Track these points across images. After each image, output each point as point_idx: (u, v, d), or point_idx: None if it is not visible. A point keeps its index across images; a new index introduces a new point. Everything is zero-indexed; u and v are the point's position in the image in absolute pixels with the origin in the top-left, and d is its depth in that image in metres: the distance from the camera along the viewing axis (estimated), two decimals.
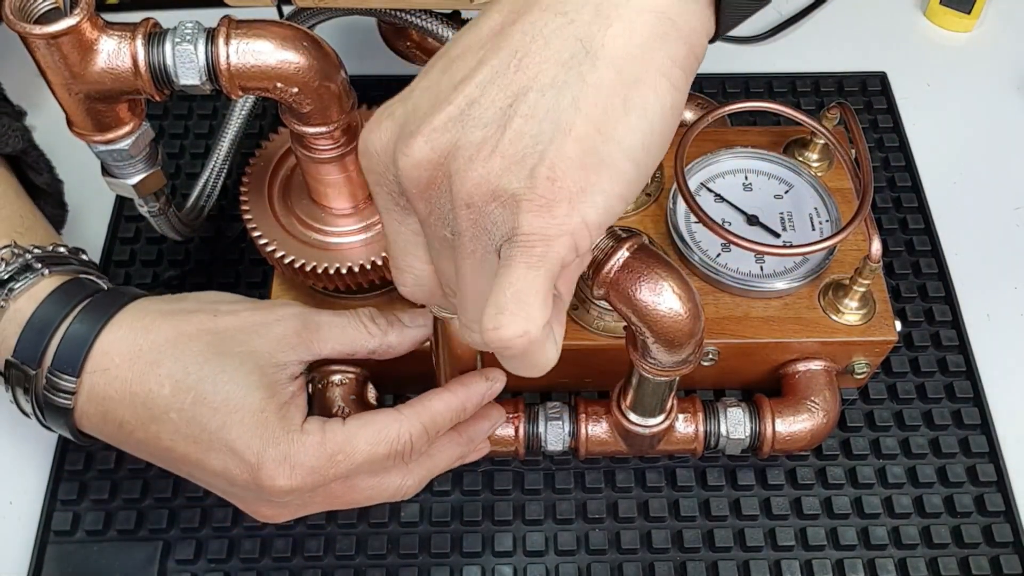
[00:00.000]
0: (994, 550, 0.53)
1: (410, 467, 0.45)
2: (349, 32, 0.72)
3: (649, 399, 0.48)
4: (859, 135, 0.53)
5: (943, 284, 0.62)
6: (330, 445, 0.41)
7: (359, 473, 0.43)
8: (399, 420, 0.43)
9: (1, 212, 0.48)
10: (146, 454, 0.44)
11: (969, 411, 0.58)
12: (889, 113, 0.71)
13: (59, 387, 0.41)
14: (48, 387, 0.42)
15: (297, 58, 0.42)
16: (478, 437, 0.48)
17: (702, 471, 0.56)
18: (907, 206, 0.66)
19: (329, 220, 0.51)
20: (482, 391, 0.45)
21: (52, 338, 0.42)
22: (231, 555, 0.53)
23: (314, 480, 0.41)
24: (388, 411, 0.43)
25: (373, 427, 0.42)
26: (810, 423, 0.52)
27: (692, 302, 0.40)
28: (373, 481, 0.44)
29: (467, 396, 0.45)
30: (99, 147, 0.45)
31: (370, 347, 0.45)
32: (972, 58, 0.75)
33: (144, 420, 0.41)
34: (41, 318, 0.42)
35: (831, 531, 0.54)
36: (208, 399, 0.40)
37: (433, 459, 0.46)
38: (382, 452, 0.42)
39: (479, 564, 0.53)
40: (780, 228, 0.55)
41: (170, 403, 0.41)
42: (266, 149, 0.53)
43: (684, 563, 0.53)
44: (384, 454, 0.42)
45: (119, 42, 0.41)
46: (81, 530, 0.53)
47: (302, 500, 0.43)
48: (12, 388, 0.43)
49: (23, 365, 0.42)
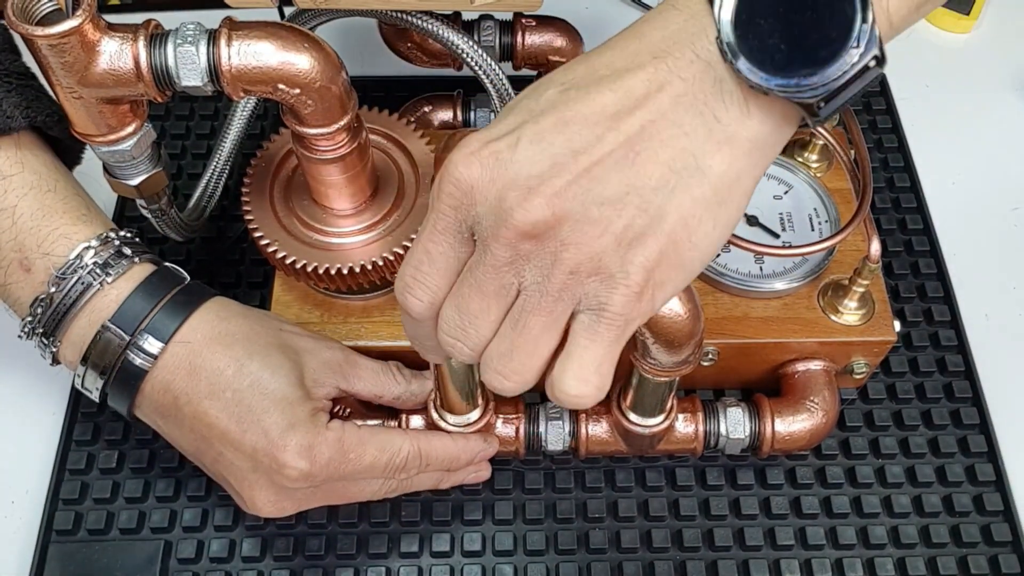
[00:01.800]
0: (993, 549, 0.54)
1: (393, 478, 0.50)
2: (350, 33, 0.72)
3: (649, 399, 0.48)
4: (858, 136, 0.53)
5: (942, 284, 0.62)
6: (347, 443, 0.47)
7: (359, 474, 0.48)
8: (404, 439, 0.49)
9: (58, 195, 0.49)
10: (184, 429, 0.47)
11: (968, 411, 0.58)
12: (888, 114, 0.71)
13: (144, 350, 0.46)
14: (134, 347, 0.46)
15: (298, 59, 0.42)
16: (458, 476, 0.53)
17: (702, 471, 0.56)
18: (906, 207, 0.66)
19: (330, 221, 0.51)
20: (478, 450, 0.51)
21: (151, 313, 0.46)
22: (232, 554, 0.53)
23: (327, 471, 0.46)
24: (397, 429, 0.50)
25: (384, 437, 0.48)
26: (809, 423, 0.52)
27: (692, 303, 0.40)
28: (363, 483, 0.49)
29: (464, 449, 0.51)
30: (101, 148, 0.45)
31: (395, 393, 0.51)
32: (971, 59, 0.76)
33: (201, 394, 0.46)
34: (142, 296, 0.47)
35: (830, 530, 0.54)
36: (262, 385, 0.46)
37: (413, 481, 0.51)
38: (383, 461, 0.48)
39: (480, 563, 0.53)
40: (779, 228, 0.56)
41: (229, 382, 0.46)
42: (267, 150, 0.54)
43: (684, 562, 0.53)
44: (384, 463, 0.48)
45: (121, 43, 0.41)
46: (83, 529, 0.53)
47: (309, 491, 0.48)
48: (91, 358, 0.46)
49: (118, 328, 0.46)
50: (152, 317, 0.46)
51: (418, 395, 0.52)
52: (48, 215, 0.47)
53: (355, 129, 0.47)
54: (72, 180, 0.50)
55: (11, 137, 0.47)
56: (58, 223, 0.47)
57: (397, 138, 0.54)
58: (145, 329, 0.46)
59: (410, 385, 0.51)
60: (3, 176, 0.47)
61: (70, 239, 0.47)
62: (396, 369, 0.52)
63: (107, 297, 0.46)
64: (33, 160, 0.48)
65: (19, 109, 0.47)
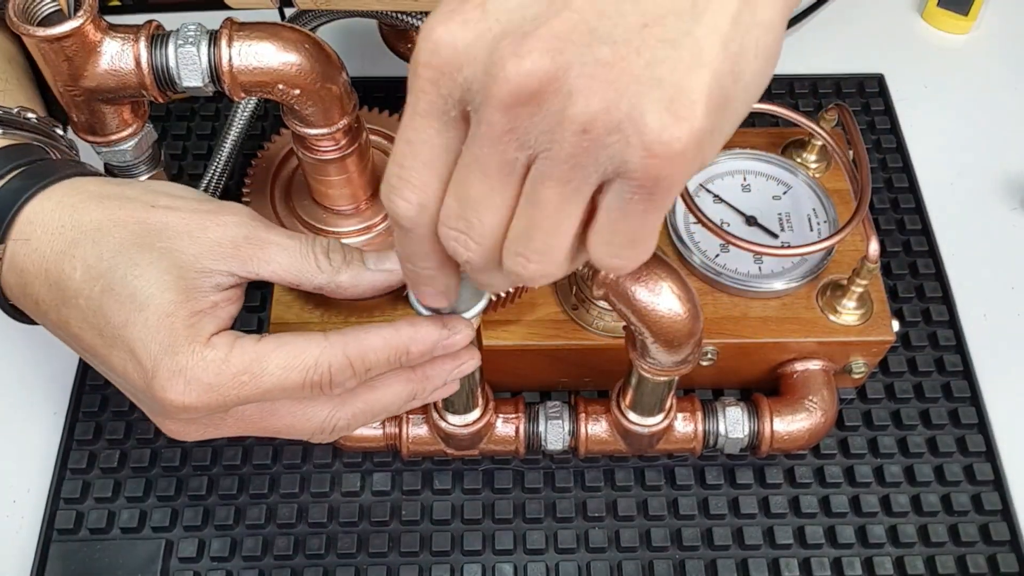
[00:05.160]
0: (991, 548, 0.54)
1: (343, 399, 0.40)
2: (351, 34, 0.72)
3: (648, 399, 0.49)
4: (857, 136, 0.54)
5: (940, 284, 0.63)
6: (235, 363, 0.37)
7: (275, 398, 0.38)
8: (320, 347, 0.37)
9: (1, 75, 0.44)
10: (62, 338, 0.41)
11: (966, 410, 0.58)
12: (886, 114, 0.71)
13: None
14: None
15: (299, 60, 0.42)
16: (436, 376, 0.41)
17: (701, 470, 0.56)
18: (904, 207, 0.66)
19: (331, 221, 0.51)
20: (433, 338, 0.39)
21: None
22: (234, 553, 0.53)
23: (212, 399, 0.37)
24: (312, 335, 0.38)
25: (288, 350, 0.37)
26: (808, 422, 0.53)
27: (691, 302, 0.40)
28: (295, 409, 0.40)
29: (412, 338, 0.38)
30: (102, 149, 0.45)
31: (317, 282, 0.40)
32: (969, 60, 0.76)
33: (56, 302, 0.38)
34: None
35: (829, 529, 0.54)
36: (116, 290, 0.37)
37: (375, 393, 0.41)
38: (294, 380, 0.37)
39: (479, 562, 0.53)
40: (778, 229, 0.56)
41: (79, 288, 0.37)
42: (268, 150, 0.54)
43: (683, 561, 0.53)
44: (297, 382, 0.37)
45: (122, 44, 0.41)
46: (84, 528, 0.54)
47: (209, 420, 0.39)
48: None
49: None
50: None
51: (348, 287, 0.40)
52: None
53: (355, 130, 0.47)
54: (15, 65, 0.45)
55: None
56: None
57: None
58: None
59: (338, 274, 0.40)
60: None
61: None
62: (323, 250, 0.40)
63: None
64: None
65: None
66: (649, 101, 0.27)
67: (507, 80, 0.27)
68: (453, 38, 0.28)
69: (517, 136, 0.28)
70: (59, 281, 0.38)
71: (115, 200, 0.39)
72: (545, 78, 0.27)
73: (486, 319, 0.52)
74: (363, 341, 0.38)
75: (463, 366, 0.41)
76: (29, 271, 0.38)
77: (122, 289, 0.37)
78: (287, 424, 0.40)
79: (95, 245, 0.37)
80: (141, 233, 0.38)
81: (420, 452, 0.53)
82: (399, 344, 0.38)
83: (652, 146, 0.27)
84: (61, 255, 0.38)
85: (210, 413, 0.38)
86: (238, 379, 0.36)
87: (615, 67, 0.27)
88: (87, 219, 0.38)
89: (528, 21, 0.27)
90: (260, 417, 0.40)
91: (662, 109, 0.27)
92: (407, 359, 0.39)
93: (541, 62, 0.27)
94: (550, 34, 0.27)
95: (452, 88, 0.28)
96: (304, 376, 0.37)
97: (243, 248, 0.39)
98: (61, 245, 0.38)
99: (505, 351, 0.53)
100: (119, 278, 0.37)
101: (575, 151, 0.28)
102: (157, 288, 0.37)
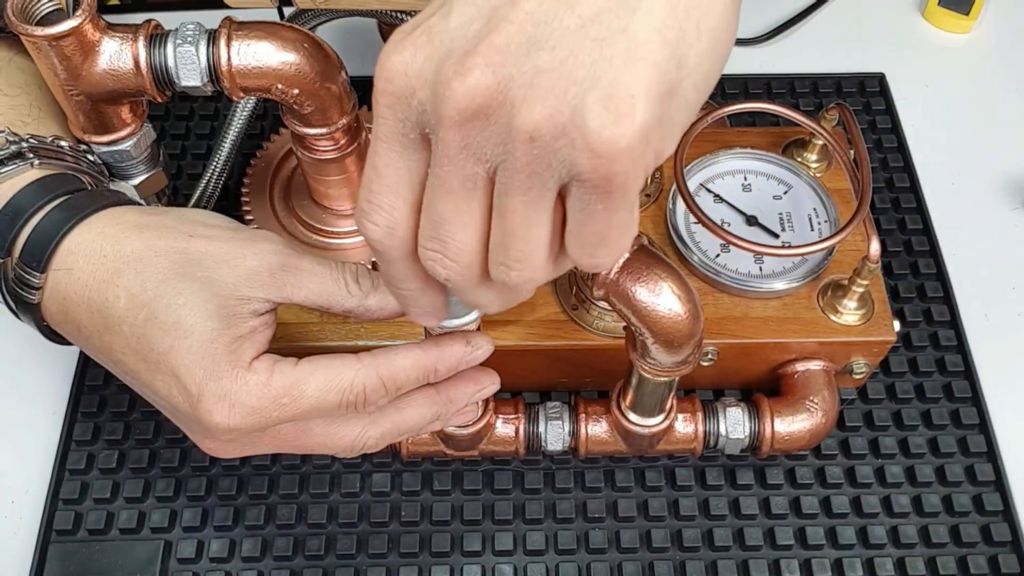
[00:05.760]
0: (992, 549, 0.54)
1: (373, 419, 0.42)
2: (350, 33, 0.72)
3: (649, 399, 0.48)
4: (858, 136, 0.54)
5: (941, 284, 0.63)
6: (276, 386, 0.39)
7: (312, 418, 0.40)
8: (355, 368, 0.40)
9: (15, 99, 0.46)
10: (103, 361, 0.42)
11: (967, 411, 0.58)
12: (887, 114, 0.71)
13: (26, 281, 0.40)
14: (16, 280, 0.41)
15: (298, 60, 0.42)
16: (459, 399, 0.44)
17: (701, 471, 0.56)
18: (905, 207, 0.66)
19: (330, 220, 0.51)
20: (458, 355, 0.41)
21: (23, 229, 0.40)
22: (232, 554, 0.53)
23: (255, 421, 0.39)
24: (346, 357, 0.40)
25: (325, 372, 0.39)
26: (809, 423, 0.52)
27: (691, 303, 0.40)
28: (328, 428, 0.42)
29: (439, 357, 0.41)
30: (101, 148, 0.45)
31: (347, 306, 0.42)
32: (970, 59, 0.76)
33: (99, 328, 0.40)
34: (15, 207, 0.41)
35: (830, 530, 0.54)
36: (160, 318, 0.38)
37: (401, 413, 0.43)
38: (332, 400, 0.39)
39: (479, 563, 0.53)
40: (779, 229, 0.56)
41: (123, 316, 0.39)
42: (267, 150, 0.54)
43: (684, 562, 0.53)
44: (334, 402, 0.39)
45: (121, 43, 0.41)
46: (83, 529, 0.53)
47: (248, 439, 0.41)
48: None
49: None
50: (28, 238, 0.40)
51: (376, 311, 0.42)
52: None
53: (355, 129, 0.47)
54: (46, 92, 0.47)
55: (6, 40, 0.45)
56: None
57: None
58: (21, 256, 0.40)
59: (367, 298, 0.42)
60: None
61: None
62: (352, 276, 0.42)
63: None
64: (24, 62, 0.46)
65: None
66: (588, 102, 0.27)
67: (453, 99, 0.28)
68: (404, 64, 0.29)
69: (473, 152, 0.29)
70: (102, 309, 0.39)
71: (154, 230, 0.40)
72: (488, 92, 0.28)
73: (486, 319, 0.52)
74: (394, 362, 0.40)
75: (484, 390, 0.44)
76: (71, 299, 0.40)
77: (166, 318, 0.38)
78: (319, 442, 0.42)
79: (137, 274, 0.39)
80: (182, 262, 0.39)
81: (420, 453, 0.53)
82: (427, 363, 0.41)
83: (596, 146, 0.27)
84: (104, 284, 0.39)
85: (255, 431, 0.39)
86: (279, 401, 0.38)
87: (554, 72, 0.27)
88: (128, 249, 0.40)
89: (470, 39, 0.28)
90: (295, 435, 0.41)
91: (601, 109, 0.27)
92: (435, 376, 0.41)
93: (483, 77, 0.28)
94: (490, 48, 0.28)
95: (408, 112, 0.29)
96: (341, 396, 0.39)
97: (278, 275, 0.40)
98: (104, 274, 0.39)
99: (505, 351, 0.52)
100: (163, 307, 0.38)
101: (528, 160, 0.28)
102: (200, 316, 0.38)
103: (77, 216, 0.40)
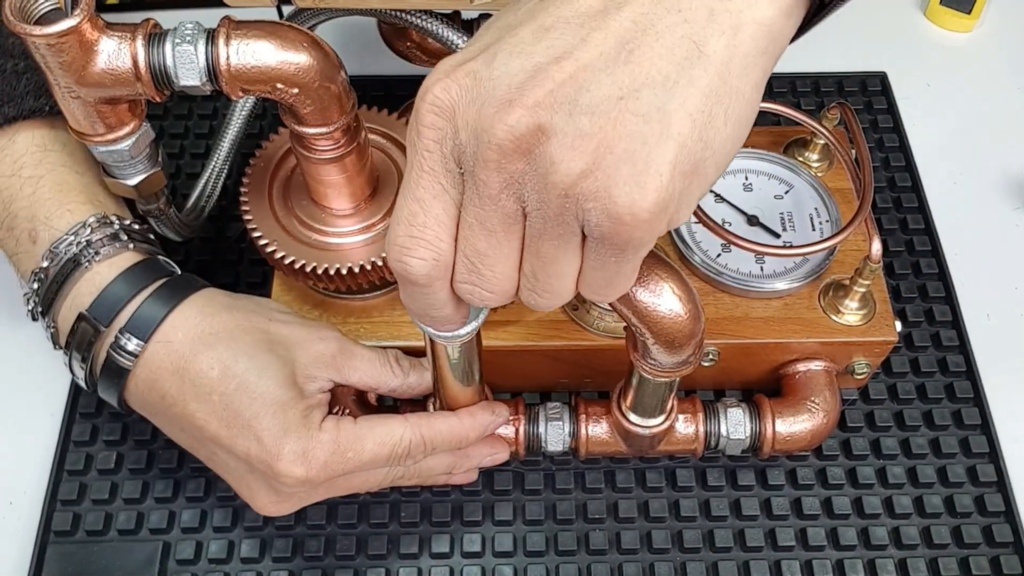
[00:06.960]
0: (994, 550, 0.53)
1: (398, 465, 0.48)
2: (349, 33, 0.72)
3: (649, 400, 0.48)
4: (859, 135, 0.53)
5: (943, 284, 0.62)
6: (343, 443, 0.45)
7: (360, 469, 0.46)
8: (404, 427, 0.46)
9: (84, 177, 0.49)
10: (175, 428, 0.47)
11: (969, 411, 0.58)
12: (889, 113, 0.71)
13: (125, 348, 0.45)
14: (115, 346, 0.45)
15: (297, 59, 0.42)
16: (474, 458, 0.51)
17: (702, 471, 0.56)
18: (907, 206, 0.66)
19: (329, 221, 0.51)
20: (486, 423, 0.49)
21: (128, 304, 0.45)
22: (231, 555, 0.53)
23: (325, 473, 0.45)
24: (396, 417, 0.47)
25: (382, 429, 0.46)
26: (810, 423, 0.52)
27: (692, 303, 0.40)
28: (368, 473, 0.48)
29: (472, 427, 0.48)
30: (99, 148, 0.45)
31: (392, 385, 0.49)
32: (972, 58, 0.75)
33: (187, 396, 0.45)
34: (123, 285, 0.46)
35: (831, 531, 0.54)
36: (250, 388, 0.45)
37: (428, 462, 0.49)
38: (385, 453, 0.46)
39: (479, 564, 0.53)
40: (780, 228, 0.55)
41: (215, 385, 0.45)
42: (266, 149, 0.53)
43: (684, 563, 0.53)
44: (386, 455, 0.46)
45: (119, 43, 0.41)
46: (81, 530, 0.53)
47: (311, 491, 0.47)
48: (72, 346, 0.46)
49: (95, 320, 0.45)
50: (131, 311, 0.45)
51: (415, 387, 0.50)
52: (66, 191, 0.48)
53: (354, 129, 0.47)
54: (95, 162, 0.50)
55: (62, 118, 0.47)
56: (72, 200, 0.48)
57: (397, 138, 0.54)
58: (125, 327, 0.45)
59: (407, 377, 0.50)
60: (44, 149, 0.48)
61: (74, 215, 0.47)
62: (395, 359, 0.50)
63: (91, 283, 0.46)
64: (73, 143, 0.50)
65: None
66: (620, 176, 0.29)
67: (497, 144, 0.29)
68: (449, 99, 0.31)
69: (513, 192, 0.31)
70: (196, 378, 0.45)
71: (241, 311, 0.47)
72: (530, 142, 0.29)
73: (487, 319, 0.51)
74: (435, 426, 0.47)
75: (496, 456, 0.51)
76: (165, 368, 0.45)
77: (256, 388, 0.45)
78: (358, 484, 0.48)
79: (229, 347, 0.45)
80: (267, 341, 0.46)
81: None
82: (461, 433, 0.48)
83: (621, 216, 0.30)
84: (199, 355, 0.45)
85: (320, 483, 0.45)
86: (344, 455, 0.45)
87: (594, 137, 0.29)
88: (220, 326, 0.46)
89: (513, 89, 0.30)
90: (346, 481, 0.47)
91: (632, 184, 0.29)
92: (465, 443, 0.49)
93: (525, 126, 0.29)
94: (532, 102, 0.29)
95: (452, 148, 0.31)
96: (391, 450, 0.46)
97: (338, 359, 0.48)
98: (200, 347, 0.45)
99: (505, 351, 0.52)
100: (254, 378, 0.45)
101: (560, 211, 0.30)
102: (282, 388, 0.45)
103: (182, 294, 0.46)
